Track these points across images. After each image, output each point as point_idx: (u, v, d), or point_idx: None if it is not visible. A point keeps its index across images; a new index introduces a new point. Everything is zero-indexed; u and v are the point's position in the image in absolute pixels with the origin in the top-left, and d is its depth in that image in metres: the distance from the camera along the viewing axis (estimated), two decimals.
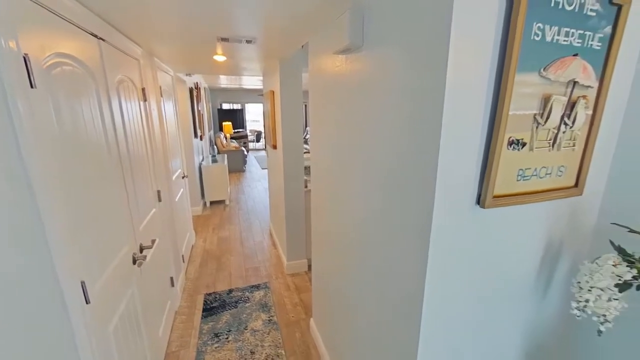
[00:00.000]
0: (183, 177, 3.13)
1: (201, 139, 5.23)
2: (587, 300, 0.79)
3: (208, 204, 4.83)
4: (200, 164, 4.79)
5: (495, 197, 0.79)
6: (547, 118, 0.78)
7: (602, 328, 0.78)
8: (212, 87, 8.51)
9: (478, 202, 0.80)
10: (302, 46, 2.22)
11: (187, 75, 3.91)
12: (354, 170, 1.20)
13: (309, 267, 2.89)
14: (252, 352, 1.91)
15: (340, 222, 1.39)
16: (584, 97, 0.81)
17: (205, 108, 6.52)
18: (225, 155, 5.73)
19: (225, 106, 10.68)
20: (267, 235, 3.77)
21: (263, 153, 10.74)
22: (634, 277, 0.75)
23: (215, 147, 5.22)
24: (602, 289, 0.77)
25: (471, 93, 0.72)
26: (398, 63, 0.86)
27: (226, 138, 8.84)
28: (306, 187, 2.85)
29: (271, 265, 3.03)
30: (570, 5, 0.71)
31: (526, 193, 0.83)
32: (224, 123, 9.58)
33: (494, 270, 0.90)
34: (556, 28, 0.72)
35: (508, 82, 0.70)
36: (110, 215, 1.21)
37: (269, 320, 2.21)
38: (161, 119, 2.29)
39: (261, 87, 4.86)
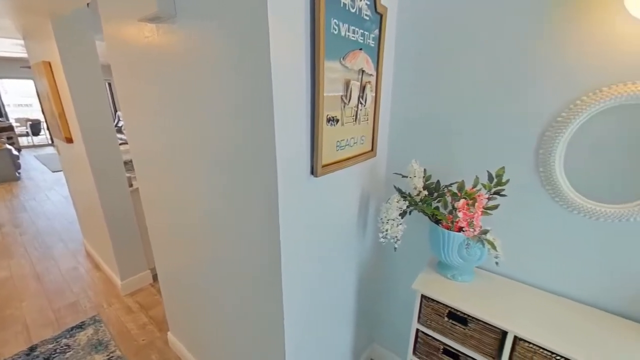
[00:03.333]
0: None
1: None
2: (386, 230, 1.12)
3: None
4: None
5: (323, 166, 0.94)
6: (350, 99, 0.99)
7: (396, 246, 1.13)
8: None
9: (312, 172, 0.93)
10: (88, 4, 1.70)
11: None
12: (191, 156, 1.09)
13: (155, 277, 2.48)
14: None
15: (184, 215, 1.26)
16: (369, 82, 1.08)
17: None
18: None
19: None
20: (83, 256, 2.88)
21: (50, 150, 7.81)
22: (407, 207, 1.12)
23: None
24: (393, 219, 1.11)
25: (293, 76, 0.79)
26: (222, 41, 0.82)
27: None
28: (131, 185, 2.34)
29: (97, 293, 2.37)
30: (353, 8, 0.90)
31: (343, 160, 1.04)
32: None
33: (330, 222, 1.10)
34: (347, 25, 0.89)
35: (320, 68, 0.82)
36: None
37: (108, 359, 1.76)
38: None
39: (24, 55, 3.37)
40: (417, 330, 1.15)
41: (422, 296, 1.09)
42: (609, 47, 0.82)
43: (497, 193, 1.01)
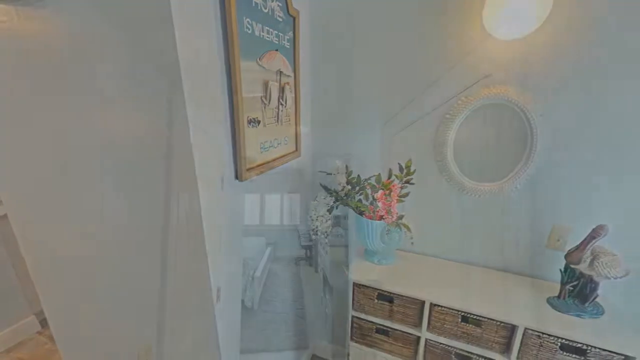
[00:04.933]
0: None
1: None
2: (317, 226, 1.15)
3: None
4: None
5: (248, 169, 0.91)
6: (270, 99, 0.98)
7: (326, 241, 1.18)
8: None
9: (236, 176, 0.89)
10: None
11: None
12: (86, 169, 0.91)
13: (44, 322, 1.99)
14: None
15: (80, 239, 1.04)
16: (288, 83, 1.08)
17: None
18: None
19: None
20: None
21: None
22: (334, 202, 1.18)
23: None
24: (322, 215, 1.15)
25: (208, 75, 0.74)
26: (116, 34, 0.70)
27: None
28: None
29: None
30: (265, 8, 0.89)
31: (269, 161, 1.02)
32: None
33: (261, 225, 1.07)
34: (260, 25, 0.88)
35: (236, 68, 0.79)
36: None
37: None
38: None
39: None
40: (353, 316, 1.22)
41: (354, 284, 1.17)
42: (476, 57, 1.03)
43: (408, 182, 1.15)
